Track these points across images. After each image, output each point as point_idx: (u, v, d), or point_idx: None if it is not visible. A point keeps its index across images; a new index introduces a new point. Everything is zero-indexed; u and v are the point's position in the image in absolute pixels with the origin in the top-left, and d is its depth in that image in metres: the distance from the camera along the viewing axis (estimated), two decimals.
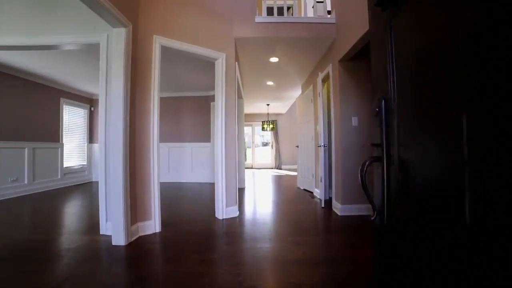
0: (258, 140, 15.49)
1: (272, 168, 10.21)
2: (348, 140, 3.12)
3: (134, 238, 2.34)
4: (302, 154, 5.18)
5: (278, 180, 6.82)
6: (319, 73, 3.58)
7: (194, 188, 5.40)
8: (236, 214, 3.17)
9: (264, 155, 11.96)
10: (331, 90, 3.50)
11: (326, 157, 3.51)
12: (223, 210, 3.05)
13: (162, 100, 6.49)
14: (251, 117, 10.36)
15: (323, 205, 3.54)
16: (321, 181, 3.97)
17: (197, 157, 6.40)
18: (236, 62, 3.43)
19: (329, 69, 3.50)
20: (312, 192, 4.67)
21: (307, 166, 4.92)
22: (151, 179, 2.55)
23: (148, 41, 2.56)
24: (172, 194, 4.70)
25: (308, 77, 5.00)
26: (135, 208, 2.40)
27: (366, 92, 3.12)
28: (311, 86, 4.66)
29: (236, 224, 2.81)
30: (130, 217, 2.27)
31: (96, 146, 6.47)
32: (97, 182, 6.22)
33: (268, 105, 8.14)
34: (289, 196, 4.45)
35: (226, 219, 3.02)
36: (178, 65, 4.44)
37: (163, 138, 6.50)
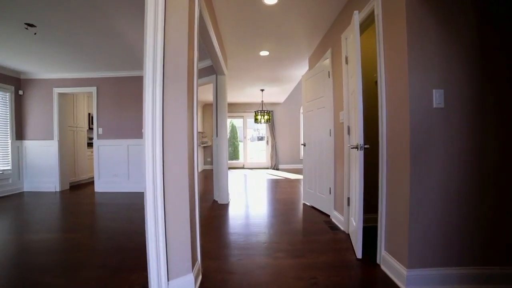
0: (252, 134, 13.85)
1: (267, 168, 8.61)
2: (423, 136, 1.50)
3: None
4: (311, 156, 3.56)
5: (276, 187, 5.20)
6: (356, 12, 1.94)
7: (127, 204, 3.77)
8: None
9: (259, 152, 10.35)
10: (379, 43, 1.85)
11: (362, 167, 1.90)
12: (163, 286, 1.43)
13: (100, 81, 4.78)
14: (242, 107, 8.68)
15: (359, 256, 1.95)
16: (348, 204, 2.37)
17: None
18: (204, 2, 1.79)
19: (376, 3, 1.85)
20: (328, 216, 3.07)
21: (319, 175, 3.30)
22: None
23: None
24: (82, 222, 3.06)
25: (321, 43, 3.34)
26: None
27: (468, 46, 1.49)
28: (327, 53, 3.00)
29: None
30: None
31: (29, 143, 4.76)
32: (31, 193, 4.53)
33: (262, 90, 6.48)
34: (294, 224, 2.84)
35: None
36: (114, 14, 2.72)
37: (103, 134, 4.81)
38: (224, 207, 3.62)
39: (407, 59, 1.50)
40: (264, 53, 3.85)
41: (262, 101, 6.71)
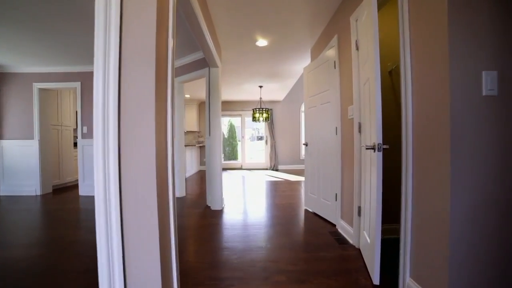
0: (252, 134, 13.46)
1: (266, 169, 8.24)
2: (468, 134, 1.13)
3: None
4: (314, 157, 3.19)
5: (275, 190, 4.84)
6: None
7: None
8: None
9: (257, 152, 10.00)
10: (402, 18, 1.49)
11: (380, 172, 1.54)
12: None
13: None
14: (240, 105, 8.32)
15: (376, 282, 1.58)
16: (359, 214, 2.02)
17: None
18: None
19: None
20: (334, 226, 2.71)
21: (323, 178, 2.94)
22: None
23: None
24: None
25: (325, 30, 2.98)
26: None
27: None
28: (333, 41, 2.64)
29: None
30: None
31: (7, 143, 4.38)
32: (7, 198, 4.16)
33: (261, 87, 6.11)
34: (296, 236, 2.48)
35: None
36: None
37: None
38: (217, 214, 3.25)
39: (447, 34, 1.14)
40: (262, 43, 3.49)
41: (261, 98, 6.36)
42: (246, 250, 2.15)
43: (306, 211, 3.35)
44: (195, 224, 2.86)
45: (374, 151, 1.58)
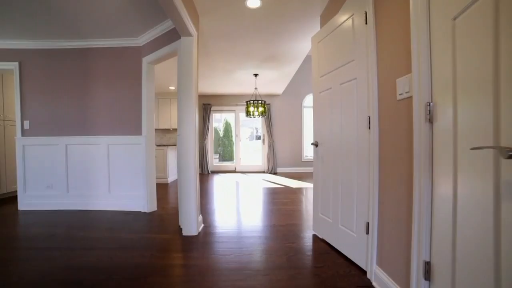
0: (251, 132, 12.38)
1: (263, 172, 7.25)
2: None
3: None
4: (328, 163, 2.19)
5: (272, 203, 3.85)
6: None
7: (62, 232, 2.38)
8: None
9: (253, 153, 9.01)
10: None
11: None
12: None
13: (44, 53, 3.41)
14: (233, 99, 7.32)
15: None
16: (427, 276, 0.98)
17: (119, 161, 3.37)
18: None
19: None
20: (363, 272, 1.72)
21: (345, 195, 1.95)
22: None
23: None
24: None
25: None
26: None
27: None
28: None
29: None
30: None
31: None
32: None
33: (256, 75, 5.12)
34: None
35: None
36: None
37: (51, 128, 3.46)
38: (188, 243, 2.26)
39: None
40: (253, 2, 2.49)
41: (256, 89, 5.37)
42: None
43: (315, 238, 2.36)
44: (148, 264, 1.87)
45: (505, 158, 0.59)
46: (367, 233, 1.67)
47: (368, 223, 1.66)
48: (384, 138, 1.50)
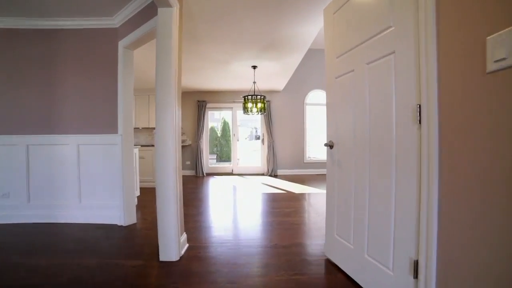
0: (251, 132, 11.81)
1: (262, 175, 6.72)
2: None
3: None
4: (348, 170, 1.66)
5: (273, 213, 3.31)
6: None
7: (19, 255, 1.84)
8: None
9: (252, 153, 8.49)
10: None
11: None
12: None
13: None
14: (229, 95, 6.78)
15: None
16: None
17: (91, 165, 2.84)
18: None
19: None
20: None
21: (374, 215, 1.41)
22: None
23: None
24: None
25: None
26: None
27: None
28: None
29: None
30: None
31: None
32: None
33: (254, 68, 4.59)
34: None
35: None
36: None
37: (12, 127, 2.92)
38: (164, 275, 1.72)
39: None
40: None
41: (255, 82, 4.84)
42: None
43: (328, 265, 1.83)
44: None
45: None
46: (414, 276, 1.14)
47: (416, 262, 1.13)
48: (450, 137, 0.97)
